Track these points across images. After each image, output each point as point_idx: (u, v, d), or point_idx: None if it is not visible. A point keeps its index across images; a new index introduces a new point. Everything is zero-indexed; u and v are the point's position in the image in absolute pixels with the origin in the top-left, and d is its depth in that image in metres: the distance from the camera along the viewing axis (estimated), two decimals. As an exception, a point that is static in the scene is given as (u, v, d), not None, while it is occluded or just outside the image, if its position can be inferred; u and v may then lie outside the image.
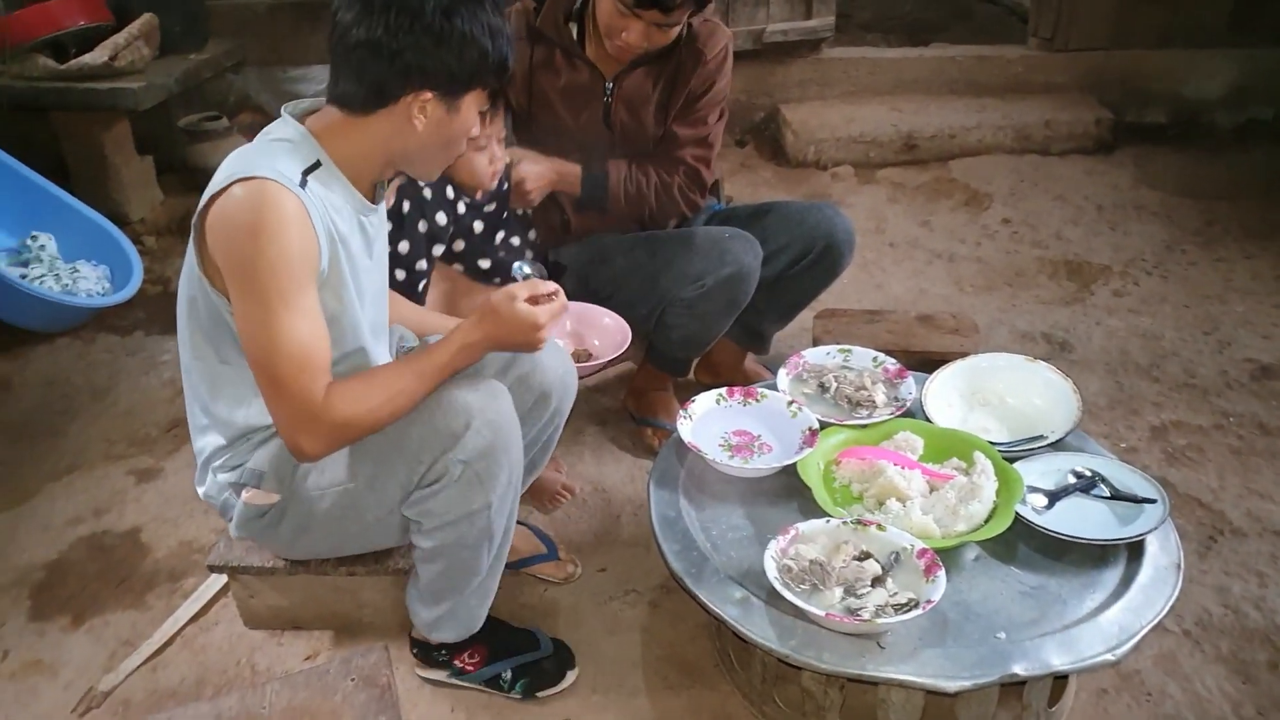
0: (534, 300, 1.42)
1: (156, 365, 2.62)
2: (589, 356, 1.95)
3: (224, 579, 1.81)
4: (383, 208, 1.49)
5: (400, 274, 1.82)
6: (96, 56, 3.02)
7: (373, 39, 1.28)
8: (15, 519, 2.08)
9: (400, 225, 1.80)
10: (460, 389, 1.41)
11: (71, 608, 1.85)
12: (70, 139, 3.17)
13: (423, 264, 1.85)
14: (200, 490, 1.56)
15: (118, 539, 2.03)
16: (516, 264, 1.78)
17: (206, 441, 1.51)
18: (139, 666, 1.70)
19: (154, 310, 2.86)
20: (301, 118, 1.39)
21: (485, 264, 1.98)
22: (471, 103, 1.38)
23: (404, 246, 1.81)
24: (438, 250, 1.87)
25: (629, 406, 2.29)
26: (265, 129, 1.40)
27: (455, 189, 1.88)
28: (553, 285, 1.46)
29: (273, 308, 1.27)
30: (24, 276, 2.52)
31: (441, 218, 1.85)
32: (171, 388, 2.51)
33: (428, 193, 1.83)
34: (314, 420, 1.30)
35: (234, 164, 1.32)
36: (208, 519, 2.03)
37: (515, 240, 2.04)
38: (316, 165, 1.34)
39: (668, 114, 2.02)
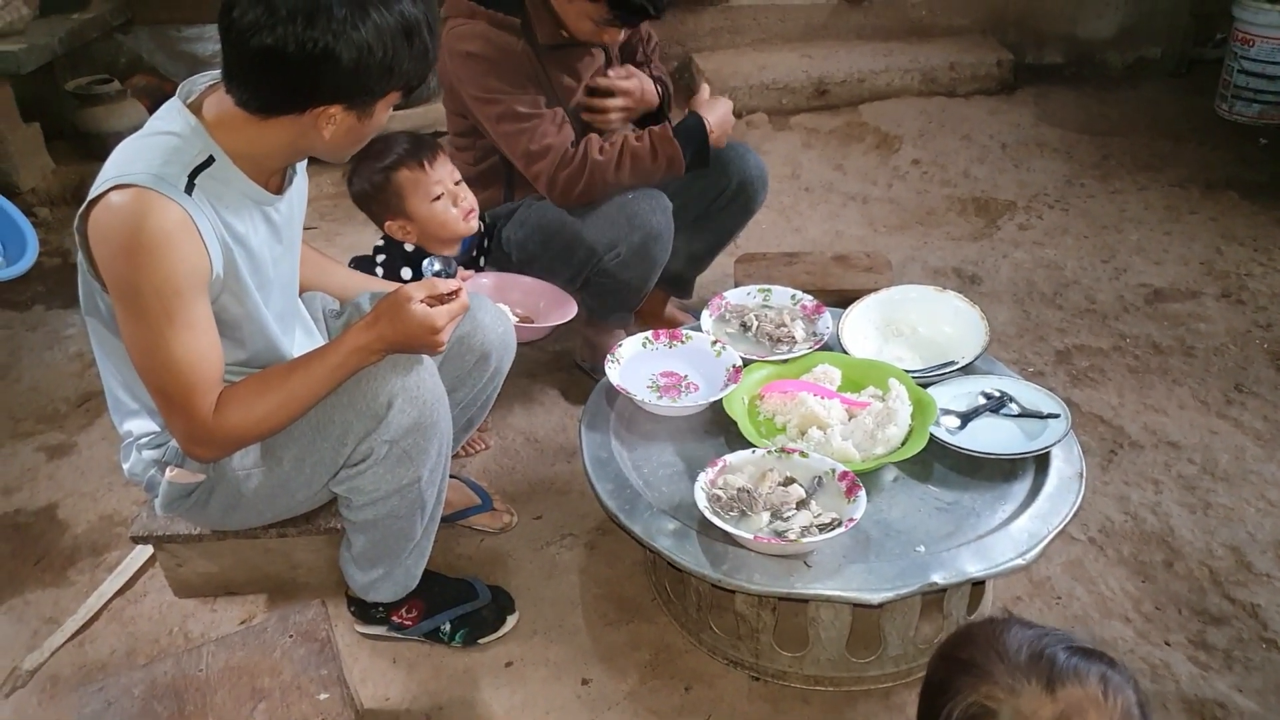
0: (435, 300, 1.34)
1: (61, 339, 2.51)
2: (531, 321, 1.93)
3: (150, 550, 1.77)
4: (296, 187, 1.43)
5: None
6: (-30, 18, 2.84)
7: (278, 50, 1.17)
8: (-83, 505, 1.99)
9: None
10: (381, 367, 1.36)
11: (-13, 590, 1.79)
12: (-53, 107, 2.97)
13: None
14: (125, 467, 1.52)
15: (32, 517, 1.96)
16: (426, 260, 1.72)
17: (135, 425, 1.46)
18: (65, 643, 1.66)
19: (54, 283, 2.73)
20: (200, 98, 1.30)
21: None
22: (385, 105, 1.31)
23: None
24: None
25: (584, 361, 2.29)
26: (156, 114, 1.30)
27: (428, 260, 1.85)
28: (454, 284, 1.37)
29: (158, 328, 1.22)
30: (-95, 254, 2.37)
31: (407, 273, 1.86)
32: (79, 361, 2.41)
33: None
34: (206, 434, 1.30)
35: (115, 164, 1.24)
36: (128, 491, 1.98)
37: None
38: (209, 162, 1.25)
39: (635, 52, 2.18)
